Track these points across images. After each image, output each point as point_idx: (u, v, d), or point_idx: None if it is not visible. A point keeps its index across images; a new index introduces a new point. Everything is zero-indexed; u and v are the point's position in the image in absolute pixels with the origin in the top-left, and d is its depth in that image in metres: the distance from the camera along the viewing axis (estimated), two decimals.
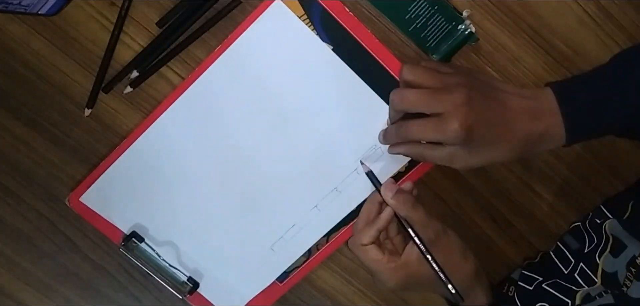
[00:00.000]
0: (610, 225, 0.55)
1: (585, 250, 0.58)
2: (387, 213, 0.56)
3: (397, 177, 0.59)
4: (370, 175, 0.58)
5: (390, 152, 0.56)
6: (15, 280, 0.64)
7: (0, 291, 0.64)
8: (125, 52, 0.56)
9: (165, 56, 0.56)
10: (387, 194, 0.56)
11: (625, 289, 0.51)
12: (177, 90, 0.57)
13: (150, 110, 0.58)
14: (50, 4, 0.53)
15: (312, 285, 0.64)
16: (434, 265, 0.54)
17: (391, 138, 0.54)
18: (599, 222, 0.57)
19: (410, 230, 0.55)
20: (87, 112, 0.57)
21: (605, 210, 0.59)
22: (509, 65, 0.57)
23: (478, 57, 0.57)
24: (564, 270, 0.59)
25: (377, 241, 0.56)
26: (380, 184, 0.57)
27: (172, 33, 0.55)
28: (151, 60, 0.56)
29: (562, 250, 0.61)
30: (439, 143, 0.49)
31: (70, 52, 0.56)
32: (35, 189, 0.61)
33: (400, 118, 0.53)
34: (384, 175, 0.59)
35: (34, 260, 0.63)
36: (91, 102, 0.57)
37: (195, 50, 0.56)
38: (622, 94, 0.47)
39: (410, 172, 0.59)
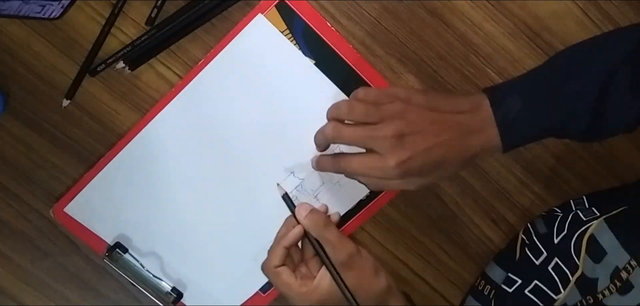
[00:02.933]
0: (598, 226, 0.54)
1: (555, 241, 0.56)
2: (295, 231, 0.55)
3: (361, 203, 0.60)
4: (286, 197, 0.58)
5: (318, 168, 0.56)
6: (16, 281, 0.64)
7: (1, 292, 0.64)
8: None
9: (155, 47, 0.56)
10: (301, 213, 0.56)
11: (601, 297, 0.50)
12: (161, 101, 0.57)
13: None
14: (60, 6, 0.53)
15: None
16: (343, 286, 0.53)
17: (327, 168, 0.54)
18: (584, 218, 0.56)
19: (319, 250, 0.55)
20: (65, 102, 0.57)
21: (594, 209, 0.58)
22: (508, 67, 0.57)
23: (478, 59, 0.57)
24: (535, 261, 0.58)
25: (291, 266, 0.56)
26: (294, 206, 0.57)
27: (163, 27, 0.55)
28: (140, 49, 0.56)
29: (532, 237, 0.60)
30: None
31: (71, 53, 0.56)
32: (36, 190, 0.61)
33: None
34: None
35: (35, 261, 0.63)
36: (71, 93, 0.57)
37: (195, 50, 0.56)
38: (556, 99, 0.48)
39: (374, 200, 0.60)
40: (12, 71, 0.57)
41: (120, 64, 0.55)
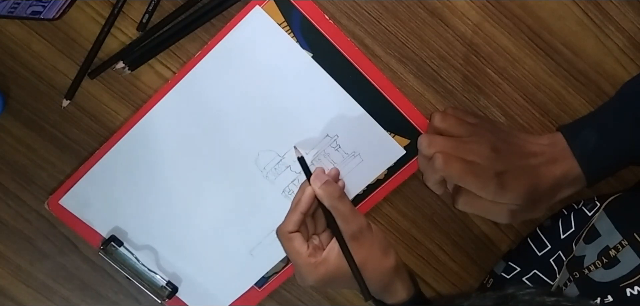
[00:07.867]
0: (598, 217, 0.55)
1: (562, 236, 0.57)
2: (307, 194, 0.55)
3: (376, 184, 0.60)
4: (302, 161, 0.57)
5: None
6: (15, 281, 0.64)
7: (0, 293, 0.64)
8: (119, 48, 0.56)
9: (155, 47, 0.56)
10: (316, 183, 0.55)
11: (586, 272, 0.51)
12: (158, 93, 0.57)
13: None
14: (56, 7, 0.53)
15: None
16: (349, 258, 0.53)
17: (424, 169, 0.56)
18: (588, 213, 0.57)
19: (330, 220, 0.54)
20: (65, 103, 0.57)
21: (595, 199, 0.58)
22: (508, 67, 0.57)
23: (478, 59, 0.57)
24: (537, 252, 0.58)
25: (304, 234, 0.56)
26: (311, 173, 0.56)
27: (162, 28, 0.55)
28: (140, 50, 0.56)
29: (537, 232, 0.60)
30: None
31: (71, 53, 0.56)
32: (36, 190, 0.61)
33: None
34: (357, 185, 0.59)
35: (34, 261, 0.63)
36: (71, 93, 0.57)
37: (195, 50, 0.56)
38: (631, 126, 0.50)
39: (390, 179, 0.59)
40: (12, 71, 0.57)
41: (120, 64, 0.55)
